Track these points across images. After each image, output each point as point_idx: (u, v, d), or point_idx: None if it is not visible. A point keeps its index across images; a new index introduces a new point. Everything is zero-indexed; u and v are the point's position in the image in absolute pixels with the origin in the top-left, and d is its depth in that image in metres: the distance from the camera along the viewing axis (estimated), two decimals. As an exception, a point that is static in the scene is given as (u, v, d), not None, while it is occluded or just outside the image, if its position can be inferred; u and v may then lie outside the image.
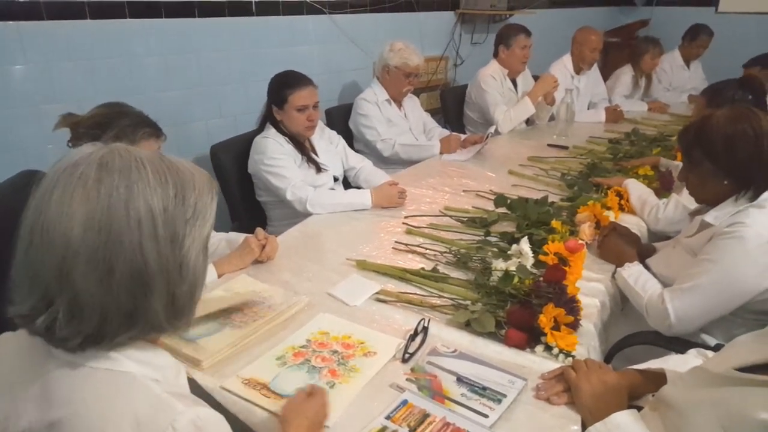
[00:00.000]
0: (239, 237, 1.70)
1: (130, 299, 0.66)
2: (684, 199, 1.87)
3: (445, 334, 1.33)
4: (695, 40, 4.39)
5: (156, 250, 0.67)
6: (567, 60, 3.68)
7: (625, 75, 4.11)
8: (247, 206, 2.33)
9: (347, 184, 2.52)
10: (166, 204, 0.68)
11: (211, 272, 1.56)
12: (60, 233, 0.64)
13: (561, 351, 1.24)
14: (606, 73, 4.13)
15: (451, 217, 2.01)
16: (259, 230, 1.69)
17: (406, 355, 1.24)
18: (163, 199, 0.68)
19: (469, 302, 1.42)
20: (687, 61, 4.49)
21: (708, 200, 1.54)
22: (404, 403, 1.10)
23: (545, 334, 1.26)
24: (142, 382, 0.70)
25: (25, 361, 0.73)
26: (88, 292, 0.65)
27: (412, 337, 1.29)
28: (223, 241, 1.73)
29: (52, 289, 0.65)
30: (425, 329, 1.33)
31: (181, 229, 0.70)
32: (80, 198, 0.65)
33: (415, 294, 1.49)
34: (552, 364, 1.22)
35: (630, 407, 1.07)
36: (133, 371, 0.71)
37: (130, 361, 0.71)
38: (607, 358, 1.50)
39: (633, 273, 1.59)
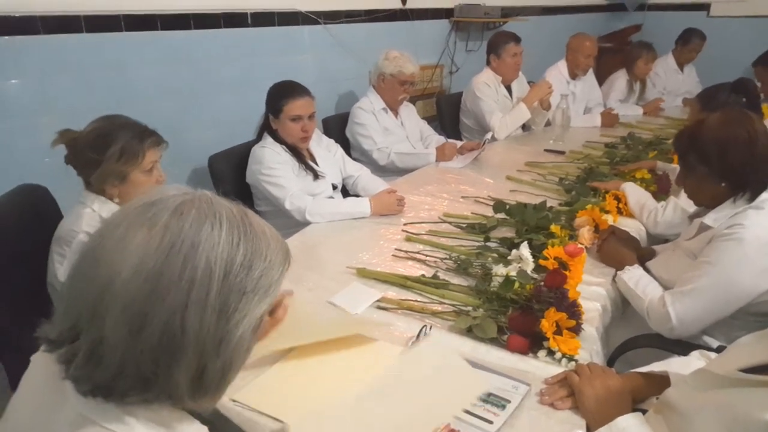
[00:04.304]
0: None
1: (153, 363, 0.60)
2: (682, 202, 1.87)
3: (447, 341, 1.33)
4: (688, 44, 4.43)
5: (199, 319, 0.60)
6: (562, 65, 3.71)
7: (619, 80, 4.13)
8: (246, 216, 2.32)
9: (345, 193, 2.52)
10: (229, 270, 0.62)
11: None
12: (107, 270, 0.59)
13: (564, 355, 1.24)
14: (600, 79, 4.15)
15: (450, 223, 2.01)
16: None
17: (409, 363, 1.23)
18: (227, 265, 0.62)
19: (470, 308, 1.42)
20: (680, 65, 4.52)
21: (706, 203, 1.55)
22: (408, 410, 1.09)
23: (547, 339, 1.25)
24: None
25: (44, 400, 0.68)
26: (113, 341, 0.59)
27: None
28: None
29: (82, 323, 0.61)
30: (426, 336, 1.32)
31: (234, 301, 0.63)
32: (140, 240, 0.60)
33: (416, 301, 1.49)
34: (555, 369, 1.22)
35: (634, 410, 1.07)
36: None
37: (142, 428, 0.64)
38: (610, 361, 1.50)
39: (633, 276, 1.59)
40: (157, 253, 0.60)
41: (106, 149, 1.47)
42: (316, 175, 2.27)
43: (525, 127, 3.49)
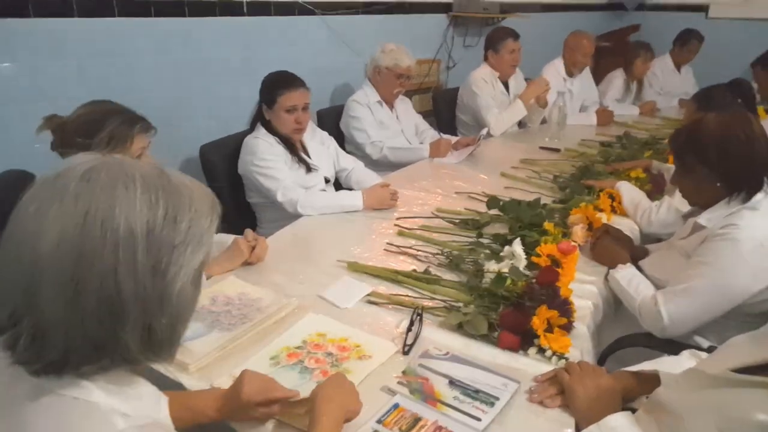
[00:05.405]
0: (228, 238, 1.67)
1: (99, 329, 0.61)
2: (676, 202, 1.87)
3: (437, 337, 1.31)
4: (686, 45, 4.43)
5: (133, 279, 0.61)
6: (559, 63, 3.69)
7: (617, 79, 4.13)
8: (237, 208, 2.30)
9: (338, 186, 2.50)
10: (152, 227, 0.62)
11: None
12: (30, 250, 0.59)
13: (554, 353, 1.23)
14: (597, 78, 4.14)
15: (443, 218, 2.00)
16: (248, 231, 1.67)
17: (406, 347, 1.24)
18: (149, 221, 0.62)
19: (461, 304, 1.40)
20: (678, 66, 4.52)
21: (701, 203, 1.54)
22: (396, 406, 1.08)
23: (538, 337, 1.24)
24: (106, 416, 0.64)
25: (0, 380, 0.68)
26: (52, 316, 0.60)
27: (409, 328, 1.29)
28: (212, 242, 1.70)
29: (20, 308, 0.61)
30: (419, 316, 1.33)
31: (166, 255, 0.63)
32: (55, 213, 0.60)
33: (407, 296, 1.47)
34: (545, 367, 1.21)
35: (623, 409, 1.06)
36: (100, 402, 0.65)
37: (99, 391, 0.65)
38: (600, 360, 1.49)
39: (626, 275, 1.58)
40: (74, 222, 0.59)
41: (94, 135, 1.44)
42: (308, 168, 2.24)
43: (521, 123, 3.48)
